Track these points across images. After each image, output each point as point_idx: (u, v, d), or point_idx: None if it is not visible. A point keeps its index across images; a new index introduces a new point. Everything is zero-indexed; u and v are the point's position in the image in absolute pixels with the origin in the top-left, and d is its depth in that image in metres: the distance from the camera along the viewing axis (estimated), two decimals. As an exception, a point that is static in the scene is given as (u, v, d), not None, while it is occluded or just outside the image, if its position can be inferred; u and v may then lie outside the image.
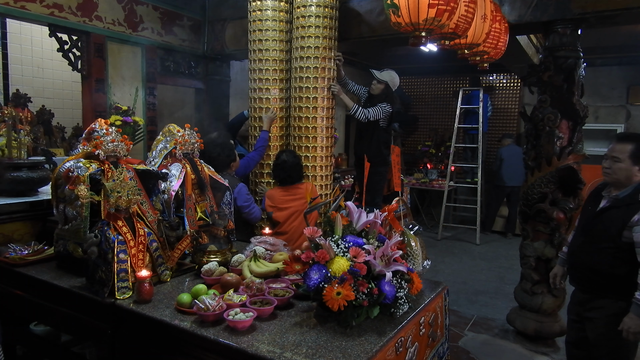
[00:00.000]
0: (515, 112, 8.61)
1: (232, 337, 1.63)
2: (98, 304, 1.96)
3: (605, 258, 2.37)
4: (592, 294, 2.48)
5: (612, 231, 2.34)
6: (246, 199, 3.31)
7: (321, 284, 1.67)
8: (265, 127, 3.84)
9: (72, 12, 4.00)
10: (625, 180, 2.38)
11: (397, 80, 4.49)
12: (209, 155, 3.10)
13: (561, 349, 3.63)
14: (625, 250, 2.31)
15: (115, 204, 2.01)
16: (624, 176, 2.37)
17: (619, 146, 2.39)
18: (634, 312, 2.22)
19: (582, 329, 2.57)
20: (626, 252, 2.30)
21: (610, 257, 2.36)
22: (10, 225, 2.73)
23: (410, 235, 2.12)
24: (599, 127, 8.15)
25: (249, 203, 3.33)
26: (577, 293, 2.62)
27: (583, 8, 3.25)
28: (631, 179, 2.36)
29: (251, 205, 3.35)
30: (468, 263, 6.08)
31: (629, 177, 2.36)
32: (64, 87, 5.26)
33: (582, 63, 3.53)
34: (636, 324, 2.21)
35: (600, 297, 2.43)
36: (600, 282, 2.43)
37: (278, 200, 3.48)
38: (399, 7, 2.23)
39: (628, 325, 2.24)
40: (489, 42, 3.05)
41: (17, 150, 2.91)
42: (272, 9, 3.81)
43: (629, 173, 2.35)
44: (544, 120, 3.48)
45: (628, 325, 2.24)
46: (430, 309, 2.03)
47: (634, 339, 2.27)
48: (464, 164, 7.96)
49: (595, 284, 2.46)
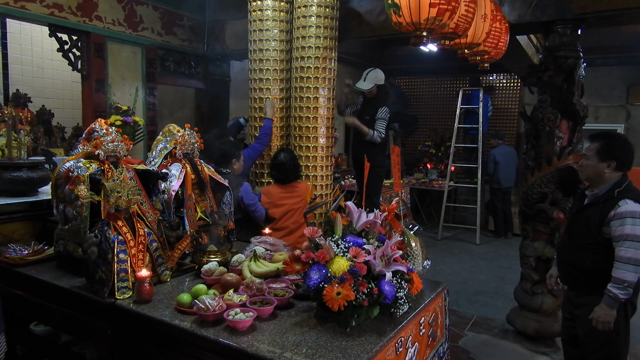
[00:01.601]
0: (515, 112, 8.61)
1: (232, 337, 1.63)
2: (98, 304, 1.96)
3: (586, 254, 2.42)
4: (578, 291, 2.52)
5: (591, 228, 2.39)
6: (252, 198, 3.36)
7: (321, 284, 1.67)
8: (268, 115, 3.82)
9: (72, 12, 4.01)
10: (595, 177, 2.45)
11: (381, 74, 4.47)
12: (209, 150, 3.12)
13: (561, 349, 3.63)
14: (605, 246, 2.36)
15: (115, 204, 2.01)
16: (592, 173, 2.46)
17: (589, 144, 2.49)
18: (605, 302, 2.30)
19: (573, 327, 2.60)
20: (606, 248, 2.35)
21: (591, 253, 2.40)
22: (10, 225, 2.72)
23: (410, 235, 2.12)
24: (599, 127, 8.15)
25: (254, 201, 3.36)
26: (567, 291, 2.66)
27: (583, 8, 3.25)
28: (601, 176, 2.42)
29: (257, 204, 3.38)
30: (468, 263, 6.08)
31: (597, 174, 2.43)
32: (64, 87, 5.26)
33: (582, 63, 3.53)
34: (605, 313, 2.30)
35: (586, 294, 2.46)
36: (583, 279, 2.47)
37: (275, 197, 3.50)
38: (400, 6, 2.23)
39: (597, 314, 2.32)
40: (490, 42, 3.05)
41: (17, 150, 2.91)
42: (272, 9, 3.81)
43: (597, 170, 2.42)
44: (544, 120, 3.48)
45: (597, 315, 2.32)
46: (430, 309, 2.03)
47: (602, 328, 2.33)
48: (464, 164, 7.96)
49: (580, 280, 2.50)
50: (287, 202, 3.49)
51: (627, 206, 2.28)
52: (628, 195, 2.32)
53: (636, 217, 2.25)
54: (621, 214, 2.28)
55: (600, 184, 2.44)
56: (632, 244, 2.23)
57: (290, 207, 3.48)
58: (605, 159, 2.39)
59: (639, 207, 2.27)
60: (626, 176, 2.43)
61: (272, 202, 3.49)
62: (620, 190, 2.36)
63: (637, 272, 2.23)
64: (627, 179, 2.41)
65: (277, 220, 3.47)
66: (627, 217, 2.27)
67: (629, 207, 2.28)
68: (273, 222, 3.46)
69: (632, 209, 2.27)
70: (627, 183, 2.39)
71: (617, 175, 2.41)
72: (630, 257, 2.23)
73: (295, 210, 3.49)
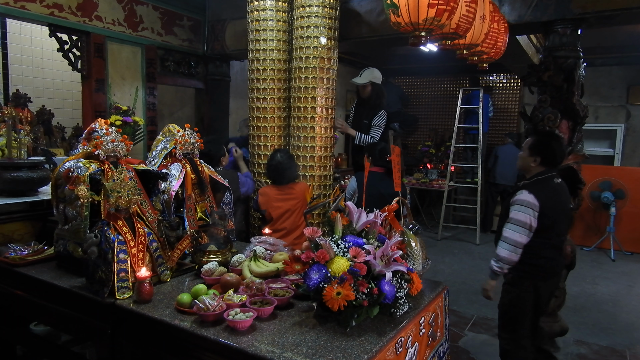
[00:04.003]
0: (515, 112, 8.61)
1: (232, 337, 1.63)
2: (98, 304, 1.96)
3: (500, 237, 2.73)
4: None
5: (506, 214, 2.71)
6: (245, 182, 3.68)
7: (321, 284, 1.67)
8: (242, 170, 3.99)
9: (72, 12, 4.00)
10: (524, 168, 2.78)
11: (378, 73, 4.45)
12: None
13: (561, 348, 3.64)
14: None
15: (115, 204, 2.01)
16: (522, 164, 2.78)
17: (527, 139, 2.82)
18: (489, 275, 2.70)
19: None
20: None
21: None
22: (10, 225, 2.72)
23: (410, 235, 2.13)
24: (599, 127, 8.16)
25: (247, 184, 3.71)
26: None
27: (583, 8, 3.25)
28: (528, 168, 2.73)
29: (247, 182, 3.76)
30: (468, 263, 6.08)
31: (526, 166, 2.75)
32: (64, 87, 5.26)
33: (582, 63, 3.53)
34: (488, 283, 2.74)
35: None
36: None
37: (271, 199, 3.48)
38: (399, 6, 2.23)
39: (483, 285, 2.78)
40: (488, 43, 3.06)
41: (17, 150, 2.91)
42: (271, 9, 3.81)
43: (526, 162, 2.74)
44: (544, 120, 3.48)
45: (483, 285, 2.78)
46: (430, 309, 2.03)
47: (484, 295, 2.77)
48: (464, 164, 7.96)
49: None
50: (284, 204, 3.46)
51: (521, 195, 2.60)
52: (527, 187, 2.63)
53: (522, 205, 2.57)
54: (515, 202, 2.62)
55: (527, 174, 2.76)
56: (512, 226, 2.58)
57: (287, 209, 3.46)
58: (533, 154, 2.69)
59: (529, 197, 2.56)
60: (550, 171, 2.68)
61: (269, 203, 3.47)
62: (526, 183, 2.70)
63: (510, 251, 2.58)
64: (548, 174, 2.67)
65: (274, 221, 3.45)
66: (516, 204, 2.60)
67: (521, 196, 2.59)
68: (270, 223, 3.45)
69: (523, 198, 2.58)
70: (542, 177, 2.67)
71: (541, 169, 2.69)
72: (507, 237, 2.59)
73: (292, 212, 3.47)
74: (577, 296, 4.83)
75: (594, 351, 3.70)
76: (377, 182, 3.36)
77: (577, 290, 4.99)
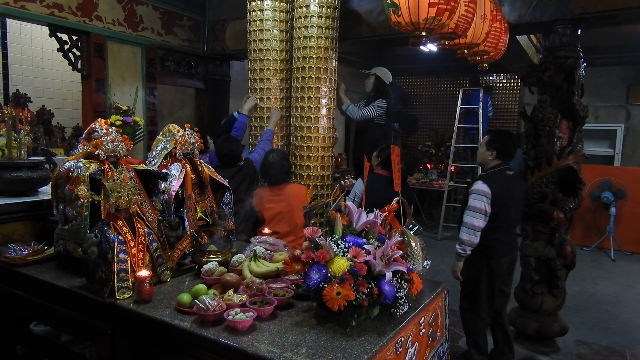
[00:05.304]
0: (515, 112, 8.61)
1: (232, 337, 1.63)
2: (98, 304, 1.96)
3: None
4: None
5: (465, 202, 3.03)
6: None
7: (321, 284, 1.67)
8: (270, 126, 3.86)
9: (72, 12, 4.01)
10: (482, 162, 3.15)
11: (388, 72, 4.48)
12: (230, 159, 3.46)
13: (561, 349, 3.63)
14: None
15: (115, 204, 2.01)
16: (481, 158, 3.16)
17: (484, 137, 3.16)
18: (455, 257, 3.06)
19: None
20: None
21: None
22: (10, 225, 2.72)
23: (410, 235, 2.12)
24: (599, 127, 8.16)
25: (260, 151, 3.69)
26: None
27: (583, 8, 3.25)
28: (486, 161, 3.10)
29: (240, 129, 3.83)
30: (468, 263, 6.07)
31: (483, 160, 3.12)
32: (64, 87, 5.26)
33: (582, 63, 3.53)
34: (455, 265, 3.07)
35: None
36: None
37: (263, 199, 3.36)
38: (399, 6, 2.23)
39: (452, 267, 3.11)
40: (489, 42, 3.05)
41: (17, 150, 2.91)
42: (271, 9, 3.81)
43: (484, 156, 3.11)
44: (544, 120, 3.48)
45: (452, 267, 3.12)
46: (430, 309, 2.03)
47: (454, 276, 3.10)
48: (464, 164, 7.96)
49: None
50: (275, 206, 3.33)
51: (477, 185, 2.95)
52: (482, 178, 2.99)
53: (477, 194, 2.91)
54: (472, 191, 2.96)
55: (485, 167, 3.12)
56: (470, 213, 2.93)
57: (279, 211, 3.32)
58: (490, 148, 3.06)
59: (484, 187, 2.90)
60: (504, 164, 3.06)
61: (261, 204, 3.36)
62: (481, 174, 3.08)
63: (469, 234, 2.93)
64: (502, 166, 3.04)
65: (266, 223, 3.32)
66: (473, 193, 2.95)
67: (477, 186, 2.94)
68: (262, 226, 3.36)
69: (478, 187, 2.93)
70: (496, 170, 3.03)
71: (497, 162, 3.06)
72: (467, 222, 2.94)
73: (284, 215, 3.32)
74: (577, 296, 4.83)
75: (594, 351, 3.70)
76: (382, 185, 3.34)
77: (577, 290, 4.99)
